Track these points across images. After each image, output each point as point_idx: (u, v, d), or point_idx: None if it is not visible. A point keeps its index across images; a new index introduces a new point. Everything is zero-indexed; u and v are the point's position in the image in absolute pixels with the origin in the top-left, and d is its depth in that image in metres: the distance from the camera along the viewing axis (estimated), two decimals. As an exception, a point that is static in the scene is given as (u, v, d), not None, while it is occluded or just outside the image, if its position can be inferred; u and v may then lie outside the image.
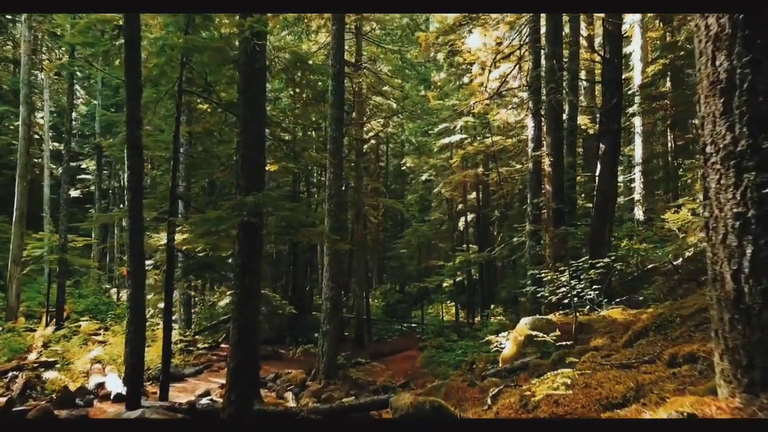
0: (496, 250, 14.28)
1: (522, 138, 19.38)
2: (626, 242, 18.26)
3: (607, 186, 11.47)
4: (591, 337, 7.40)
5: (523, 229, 13.47)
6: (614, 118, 11.36)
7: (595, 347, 6.51)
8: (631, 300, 9.72)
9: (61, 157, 25.31)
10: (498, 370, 7.49)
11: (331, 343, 13.53)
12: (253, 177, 6.53)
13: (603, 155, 11.51)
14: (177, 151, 8.64)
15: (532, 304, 12.01)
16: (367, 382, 14.04)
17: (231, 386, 6.25)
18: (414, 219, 31.15)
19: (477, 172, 21.03)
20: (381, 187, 25.55)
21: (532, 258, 12.27)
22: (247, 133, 6.54)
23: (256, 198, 6.08)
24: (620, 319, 7.73)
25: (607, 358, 4.61)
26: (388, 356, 18.42)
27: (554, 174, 11.91)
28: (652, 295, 9.21)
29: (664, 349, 4.35)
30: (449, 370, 15.05)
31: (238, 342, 6.35)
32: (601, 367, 3.93)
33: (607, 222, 11.47)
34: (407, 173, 33.73)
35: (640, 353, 4.39)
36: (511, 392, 4.37)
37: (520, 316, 16.69)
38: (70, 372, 12.27)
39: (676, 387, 2.73)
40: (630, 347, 5.11)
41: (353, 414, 7.86)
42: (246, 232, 6.40)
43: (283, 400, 11.71)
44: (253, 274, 6.46)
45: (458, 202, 25.42)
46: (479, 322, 20.55)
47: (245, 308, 6.38)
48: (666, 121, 21.78)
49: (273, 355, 16.87)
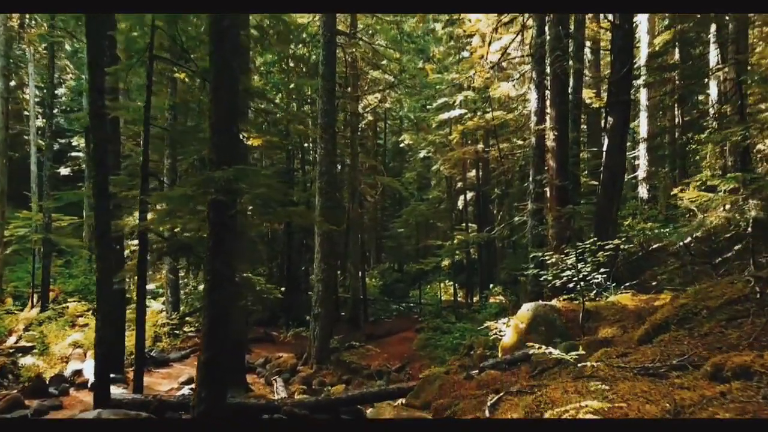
0: (496, 230, 13.62)
1: (524, 113, 18.57)
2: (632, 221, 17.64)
3: (615, 162, 10.75)
4: (599, 326, 6.78)
5: (524, 208, 12.79)
6: (624, 88, 10.58)
7: (605, 339, 5.88)
8: (642, 284, 9.09)
9: (51, 134, 24.50)
10: (497, 361, 6.89)
11: (323, 326, 12.97)
12: (224, 150, 5.81)
13: (611, 129, 10.76)
14: (147, 123, 7.89)
15: (533, 287, 11.39)
16: (361, 367, 13.52)
17: (201, 382, 5.63)
18: (413, 198, 30.43)
19: (477, 149, 20.25)
20: (378, 164, 24.80)
21: (534, 238, 11.60)
22: (217, 100, 5.81)
23: (226, 173, 5.39)
24: (631, 306, 7.11)
25: (624, 358, 3.97)
26: (384, 338, 17.91)
27: (558, 149, 11.17)
28: (666, 280, 8.57)
29: (693, 349, 3.71)
30: (446, 353, 14.52)
31: (209, 333, 5.72)
32: (620, 374, 3.29)
33: (614, 200, 10.77)
34: (406, 151, 32.89)
35: (664, 354, 3.75)
36: (513, 401, 3.74)
37: (520, 298, 16.14)
38: (48, 357, 11.71)
39: (733, 415, 2.09)
40: (649, 343, 4.47)
41: (341, 408, 7.29)
42: (216, 211, 5.71)
43: (272, 386, 11.17)
44: (225, 258, 5.79)
45: (457, 179, 24.67)
46: (478, 302, 20.00)
47: (216, 295, 5.73)
48: (673, 96, 20.93)
49: (264, 338, 16.32)
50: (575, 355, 4.20)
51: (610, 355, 4.23)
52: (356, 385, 12.43)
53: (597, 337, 6.18)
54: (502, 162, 18.00)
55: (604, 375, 3.32)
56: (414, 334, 18.08)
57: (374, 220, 31.35)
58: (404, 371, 13.95)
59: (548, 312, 7.39)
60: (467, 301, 21.67)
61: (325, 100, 13.01)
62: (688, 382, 2.80)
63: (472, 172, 23.55)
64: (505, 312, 15.80)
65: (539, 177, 11.55)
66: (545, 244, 12.25)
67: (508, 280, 18.57)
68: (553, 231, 10.91)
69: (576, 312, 7.30)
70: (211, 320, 5.78)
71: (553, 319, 7.26)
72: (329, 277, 13.08)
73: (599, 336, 6.36)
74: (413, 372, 14.00)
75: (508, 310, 16.18)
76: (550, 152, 11.33)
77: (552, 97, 11.56)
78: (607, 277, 8.10)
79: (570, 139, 12.68)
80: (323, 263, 12.78)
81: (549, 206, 11.28)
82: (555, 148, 11.16)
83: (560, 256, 7.54)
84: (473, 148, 20.50)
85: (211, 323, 5.77)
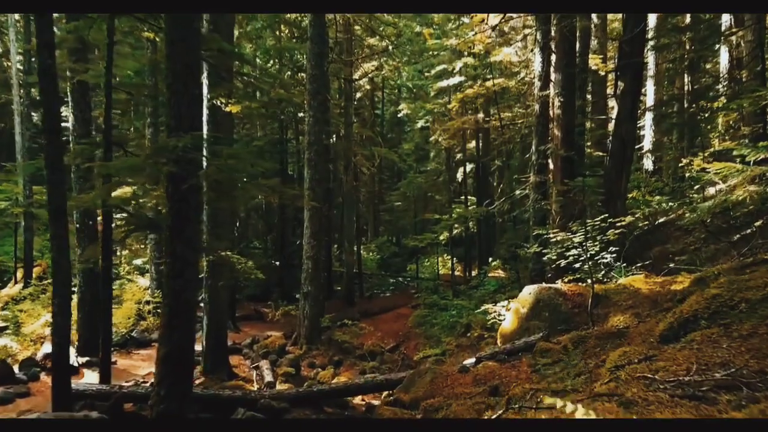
0: (496, 204, 12.86)
1: (526, 79, 17.62)
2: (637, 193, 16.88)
3: (626, 130, 9.94)
4: (610, 313, 6.10)
5: (526, 181, 12.01)
6: (637, 49, 9.70)
7: (618, 330, 5.19)
8: (653, 263, 8.37)
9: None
10: (496, 351, 6.22)
11: (313, 304, 12.34)
12: (183, 115, 5.02)
13: (622, 93, 9.91)
14: (109, 86, 7.05)
15: (534, 264, 10.70)
16: (353, 346, 12.94)
17: (160, 380, 4.97)
18: (411, 170, 29.57)
19: (477, 118, 19.32)
20: (374, 135, 23.88)
21: (536, 213, 10.86)
22: (174, 56, 4.99)
23: (183, 141, 4.60)
24: (644, 290, 6.41)
25: (649, 364, 3.27)
26: (378, 315, 17.32)
27: (564, 117, 10.34)
28: (681, 259, 7.86)
29: (737, 355, 3.01)
30: (442, 332, 13.95)
31: (169, 325, 5.03)
32: (652, 395, 2.59)
33: (623, 172, 9.99)
34: (404, 121, 31.89)
35: (701, 361, 3.04)
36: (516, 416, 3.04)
37: (520, 275, 15.52)
38: (22, 339, 11.10)
39: None
40: (675, 342, 3.77)
41: (323, 400, 6.67)
42: (175, 185, 4.95)
43: (258, 369, 10.59)
44: (187, 241, 5.06)
45: (457, 150, 23.80)
46: (476, 277, 19.38)
47: (176, 283, 5.02)
48: (683, 61, 19.92)
49: (254, 316, 15.73)
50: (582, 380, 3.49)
51: (631, 359, 3.52)
52: (347, 367, 11.88)
53: (608, 327, 5.49)
54: (503, 132, 17.12)
55: (630, 396, 2.62)
56: (410, 310, 17.50)
57: (372, 193, 30.59)
58: (398, 351, 13.40)
59: (552, 296, 6.70)
60: (465, 275, 21.06)
61: (314, 64, 12.09)
62: (750, 412, 2.10)
63: (471, 143, 22.67)
64: (504, 289, 15.21)
65: (543, 147, 10.74)
66: (547, 219, 11.54)
67: (508, 255, 17.92)
68: (556, 205, 10.17)
69: (583, 296, 6.61)
70: (171, 310, 5.08)
71: (558, 304, 6.58)
72: (319, 253, 12.39)
73: (610, 325, 5.67)
74: (408, 352, 13.45)
75: (507, 286, 15.59)
76: (554, 120, 10.50)
77: (557, 60, 10.66)
78: (617, 257, 7.42)
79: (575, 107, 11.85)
80: (312, 239, 12.07)
81: (553, 178, 10.52)
82: (560, 116, 10.33)
83: (567, 234, 6.81)
84: (473, 118, 19.58)
85: (172, 314, 5.07)
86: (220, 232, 9.36)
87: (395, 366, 11.97)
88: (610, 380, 3.38)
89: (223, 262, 8.03)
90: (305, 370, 11.23)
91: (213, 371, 9.33)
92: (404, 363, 12.23)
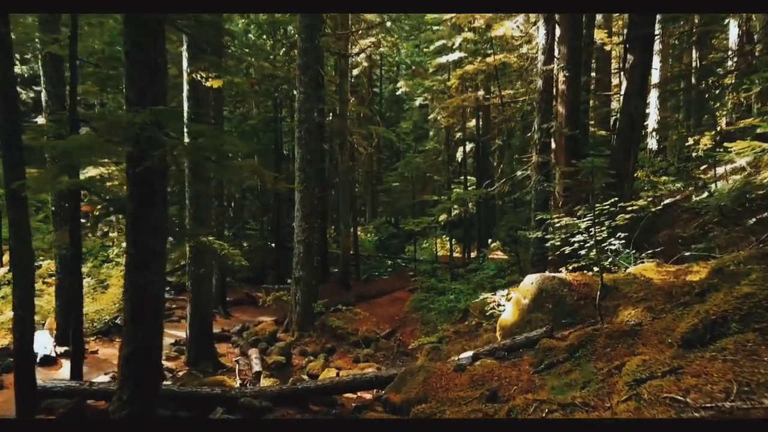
0: (496, 185, 12.28)
1: (529, 55, 16.89)
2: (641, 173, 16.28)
3: (635, 106, 9.35)
4: (620, 306, 5.59)
5: (527, 161, 11.43)
6: (648, 18, 9.03)
7: (630, 328, 4.68)
8: (663, 249, 7.85)
9: (30, 81, 22.68)
10: (494, 347, 5.73)
11: (305, 290, 11.87)
12: (146, 87, 4.45)
13: (631, 67, 9.28)
14: (74, 58, 6.44)
15: (536, 248, 10.18)
16: (347, 333, 12.49)
17: (123, 383, 4.49)
18: (410, 149, 28.87)
19: (477, 95, 18.63)
20: (371, 113, 23.17)
21: (538, 195, 10.30)
22: (132, 20, 4.39)
23: (141, 116, 4.03)
24: (657, 280, 5.90)
25: (675, 379, 2.76)
26: (374, 298, 16.87)
27: (569, 93, 9.72)
28: (702, 248, 7.32)
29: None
30: (440, 318, 13.50)
31: (132, 322, 4.53)
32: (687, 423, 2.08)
33: (631, 151, 9.44)
34: (403, 99, 31.11)
35: (739, 377, 2.54)
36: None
37: (520, 258, 15.02)
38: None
39: None
40: (702, 347, 3.26)
41: (310, 398, 6.20)
42: (136, 168, 4.39)
43: (247, 358, 10.15)
44: (151, 229, 4.53)
45: (456, 129, 23.12)
46: (476, 259, 18.91)
47: (140, 276, 4.50)
48: (691, 36, 19.15)
49: (246, 301, 15.26)
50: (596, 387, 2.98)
51: (653, 371, 3.01)
52: (340, 354, 11.45)
53: (619, 323, 4.99)
54: (504, 110, 16.46)
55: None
56: (407, 294, 17.06)
57: (369, 173, 29.97)
58: (394, 337, 12.96)
59: (556, 286, 6.19)
60: (464, 257, 20.57)
61: (305, 37, 11.41)
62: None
63: (471, 122, 22.00)
64: (504, 273, 14.72)
65: (546, 125, 10.13)
66: (550, 201, 10.99)
67: (508, 238, 17.42)
68: (560, 187, 9.62)
69: (590, 286, 6.10)
70: (134, 306, 4.57)
71: (562, 296, 6.07)
72: (311, 237, 11.86)
73: (620, 320, 5.17)
74: (403, 338, 13.01)
75: (507, 269, 15.11)
76: (559, 96, 9.89)
77: (563, 33, 9.99)
78: (625, 244, 6.89)
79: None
80: (304, 222, 11.54)
81: (556, 159, 9.95)
82: (565, 92, 9.71)
83: (572, 219, 6.27)
84: (473, 95, 18.88)
85: (135, 310, 4.56)
86: (204, 216, 8.83)
87: (390, 353, 11.56)
88: (629, 397, 2.87)
89: (204, 248, 7.50)
90: (296, 359, 10.80)
91: (197, 362, 8.88)
92: (399, 350, 11.81)
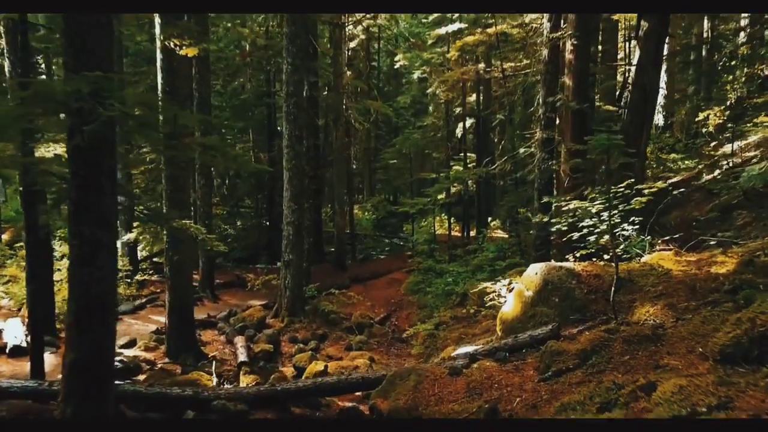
0: (497, 164, 11.58)
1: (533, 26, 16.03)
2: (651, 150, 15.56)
3: (649, 78, 8.61)
4: (636, 301, 4.98)
5: (530, 138, 10.73)
6: (666, -19, 8.22)
7: (650, 329, 4.07)
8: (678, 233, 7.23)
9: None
10: (494, 346, 5.14)
11: (295, 274, 11.28)
12: (89, 50, 3.76)
13: (645, 35, 8.52)
14: (25, 21, 5.71)
15: (539, 231, 9.55)
16: (339, 318, 11.95)
17: (67, 395, 3.91)
18: (409, 125, 28.01)
19: (477, 68, 17.78)
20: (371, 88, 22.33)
21: (542, 174, 9.62)
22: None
23: (76, 83, 3.36)
24: (677, 272, 5.27)
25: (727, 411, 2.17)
26: (370, 280, 16.33)
27: (577, 63, 8.98)
28: (729, 235, 6.67)
29: None
30: (437, 301, 12.96)
31: (78, 324, 3.94)
32: None
33: (644, 127, 8.74)
34: (402, 73, 30.13)
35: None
36: None
37: (521, 239, 14.42)
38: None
39: None
40: (747, 365, 2.66)
41: (289, 402, 5.64)
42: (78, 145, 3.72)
43: (233, 346, 9.62)
44: (99, 218, 3.90)
45: (456, 104, 22.28)
46: (475, 239, 18.31)
47: (85, 272, 3.89)
48: (704, 6, 18.17)
49: (237, 283, 14.68)
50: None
51: (695, 402, 2.41)
52: (332, 341, 10.92)
53: (637, 323, 4.39)
54: (506, 82, 15.66)
55: None
56: (404, 275, 16.51)
57: (367, 149, 29.20)
58: (389, 322, 12.43)
59: (563, 277, 5.57)
60: (463, 236, 19.95)
61: (292, 3, 10.57)
62: None
63: (472, 97, 21.16)
64: (504, 255, 14.13)
65: (551, 99, 9.40)
66: (553, 181, 10.34)
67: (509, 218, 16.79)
68: (565, 166, 8.96)
69: (601, 278, 5.49)
70: (80, 307, 3.97)
71: (570, 288, 5.46)
72: (301, 218, 11.22)
73: (638, 318, 4.57)
74: (399, 323, 12.49)
75: (508, 251, 14.51)
76: (567, 66, 9.14)
77: (571, -3, 9.19)
78: (640, 230, 6.27)
79: (589, 53, 10.43)
80: (293, 203, 10.89)
81: (562, 135, 9.26)
82: (573, 62, 8.96)
83: (582, 203, 5.62)
84: (473, 68, 18.02)
85: (80, 312, 3.96)
86: (182, 197, 8.17)
87: (384, 340, 11.02)
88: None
89: (179, 234, 6.88)
90: (285, 346, 10.27)
91: (177, 354, 8.33)
92: (394, 337, 11.28)
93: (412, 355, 9.88)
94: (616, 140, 4.58)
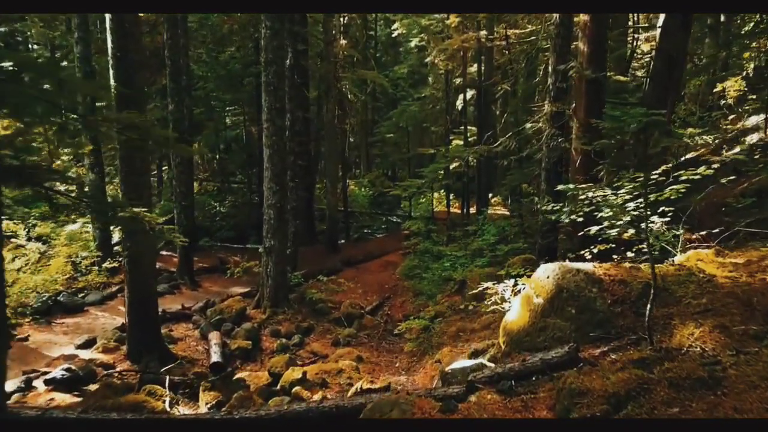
0: (500, 141, 10.48)
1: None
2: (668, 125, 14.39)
3: (675, 44, 7.48)
4: (674, 317, 4.01)
5: (537, 111, 9.63)
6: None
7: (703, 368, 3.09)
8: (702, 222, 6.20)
9: None
10: (497, 372, 4.17)
11: (278, 261, 10.32)
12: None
13: (674, -7, 7.34)
14: None
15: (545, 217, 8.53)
16: (327, 308, 11.06)
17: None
18: (408, 96, 26.68)
19: (479, 36, 16.49)
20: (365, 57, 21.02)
21: (551, 152, 8.57)
22: None
23: None
24: (722, 279, 4.29)
25: None
26: (363, 263, 15.42)
27: (594, 26, 7.81)
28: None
29: None
30: (434, 287, 12.03)
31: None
32: None
33: (669, 99, 7.64)
34: (400, 42, 28.67)
35: None
36: None
37: (524, 222, 13.42)
38: None
39: None
40: None
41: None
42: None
43: (207, 342, 8.72)
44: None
45: (456, 75, 20.98)
46: (474, 218, 17.30)
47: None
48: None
49: (219, 268, 13.72)
50: None
51: None
52: (319, 335, 10.04)
53: (679, 352, 3.41)
54: (510, 49, 14.43)
55: None
56: (399, 257, 15.59)
57: (364, 122, 27.97)
58: (381, 311, 11.54)
59: (582, 283, 4.58)
60: (463, 213, 18.93)
61: (271, -42, 9.34)
62: None
63: (473, 67, 19.86)
64: (506, 239, 13.15)
65: (563, 66, 8.27)
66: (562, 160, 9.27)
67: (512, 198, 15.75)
68: (578, 143, 7.89)
69: (627, 285, 4.49)
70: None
71: (590, 298, 4.47)
72: (283, 200, 10.20)
73: (679, 343, 3.59)
74: (393, 312, 11.59)
75: (510, 235, 13.53)
76: (581, 30, 7.99)
77: (587, -51, 7.98)
78: (672, 224, 5.26)
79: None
80: (274, 184, 9.85)
81: (575, 108, 8.16)
82: (589, 24, 7.80)
83: (605, 191, 4.59)
84: (474, 36, 16.74)
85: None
86: (138, 181, 7.12)
87: (376, 333, 10.13)
88: None
89: (129, 225, 5.86)
90: (266, 341, 9.38)
91: (139, 356, 7.40)
92: (386, 329, 10.39)
93: (404, 352, 8.99)
94: (658, 116, 3.54)
